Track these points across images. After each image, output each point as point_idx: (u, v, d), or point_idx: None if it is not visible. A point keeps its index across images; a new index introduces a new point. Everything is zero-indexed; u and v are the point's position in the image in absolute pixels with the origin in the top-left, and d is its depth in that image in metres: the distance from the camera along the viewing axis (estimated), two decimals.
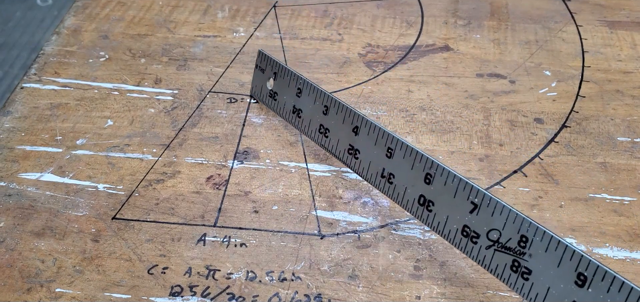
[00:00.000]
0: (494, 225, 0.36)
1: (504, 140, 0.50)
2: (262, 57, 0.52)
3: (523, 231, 0.35)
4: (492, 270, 0.37)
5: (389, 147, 0.41)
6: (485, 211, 0.36)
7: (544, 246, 0.34)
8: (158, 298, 0.39)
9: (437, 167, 0.39)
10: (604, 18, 0.64)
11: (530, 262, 0.35)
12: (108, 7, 0.66)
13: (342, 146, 0.45)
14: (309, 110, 0.47)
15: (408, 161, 0.40)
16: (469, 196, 0.37)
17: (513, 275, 0.36)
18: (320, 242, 0.43)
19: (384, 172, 0.42)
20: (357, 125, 0.44)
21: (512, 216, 0.35)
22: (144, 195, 0.46)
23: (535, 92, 0.55)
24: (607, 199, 0.45)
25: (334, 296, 0.39)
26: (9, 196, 0.46)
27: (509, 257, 0.36)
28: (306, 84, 0.47)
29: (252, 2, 0.67)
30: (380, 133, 0.42)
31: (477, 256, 0.37)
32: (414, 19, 0.64)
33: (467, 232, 0.37)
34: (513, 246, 0.35)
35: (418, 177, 0.40)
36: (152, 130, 0.51)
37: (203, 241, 0.43)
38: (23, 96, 0.55)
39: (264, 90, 0.52)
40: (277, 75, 0.50)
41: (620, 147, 0.50)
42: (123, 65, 0.58)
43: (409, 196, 0.40)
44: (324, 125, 0.46)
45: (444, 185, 0.38)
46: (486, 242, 0.37)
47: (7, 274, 0.41)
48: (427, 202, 0.39)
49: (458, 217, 0.38)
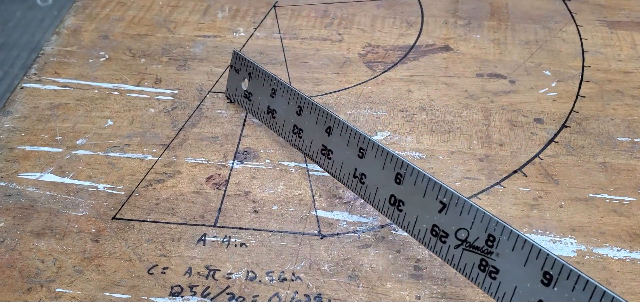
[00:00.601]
0: (462, 224, 0.36)
1: (504, 140, 0.50)
2: (237, 57, 0.52)
3: (490, 230, 0.35)
4: (461, 269, 0.37)
5: (361, 147, 0.42)
6: (454, 210, 0.37)
7: (510, 245, 0.34)
8: (158, 298, 0.39)
9: (407, 167, 0.39)
10: (604, 18, 0.64)
11: (497, 262, 0.35)
12: (108, 7, 0.66)
13: (315, 147, 0.45)
14: (283, 110, 0.48)
15: (379, 161, 0.40)
16: (437, 196, 0.37)
17: (481, 274, 0.36)
18: (320, 242, 0.43)
19: (356, 172, 0.42)
20: (330, 125, 0.44)
21: (479, 215, 0.35)
22: (144, 195, 0.46)
23: (535, 92, 0.55)
24: (607, 199, 0.45)
25: (334, 296, 0.39)
26: (9, 196, 0.46)
27: (477, 257, 0.36)
28: (280, 84, 0.48)
29: (252, 2, 0.67)
30: (352, 133, 0.42)
31: (446, 255, 0.37)
32: (414, 19, 0.64)
33: (436, 231, 0.38)
34: (481, 245, 0.36)
35: (389, 177, 0.40)
36: (152, 130, 0.51)
37: (203, 241, 0.43)
38: (23, 96, 0.55)
39: (238, 91, 0.52)
40: (252, 75, 0.50)
41: (620, 147, 0.50)
42: (123, 65, 0.58)
43: (380, 196, 0.41)
44: (297, 125, 0.46)
45: (414, 185, 0.38)
46: (455, 241, 0.37)
47: (7, 274, 0.41)
48: (398, 202, 0.40)
49: (427, 217, 0.38)
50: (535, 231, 0.43)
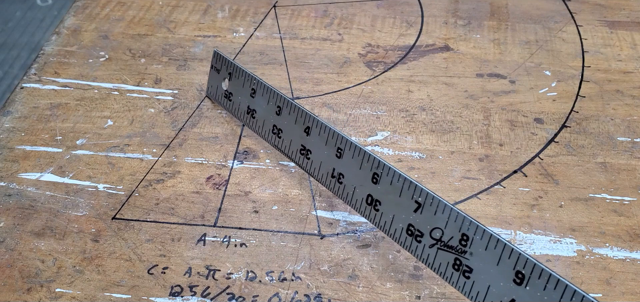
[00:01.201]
0: (437, 223, 0.36)
1: (504, 140, 0.50)
2: (217, 57, 0.52)
3: (464, 229, 0.35)
4: (436, 269, 0.37)
5: (339, 147, 0.42)
6: (429, 209, 0.37)
7: (483, 244, 0.35)
8: (158, 298, 0.39)
9: (384, 167, 0.39)
10: (604, 18, 0.64)
11: (471, 261, 0.35)
12: (108, 7, 0.66)
13: (294, 146, 0.45)
14: (263, 110, 0.48)
15: (356, 160, 0.41)
16: (413, 195, 0.37)
17: (455, 273, 0.36)
18: (320, 242, 0.43)
19: (334, 172, 0.42)
20: (309, 125, 0.44)
21: (453, 214, 0.36)
22: (144, 195, 0.46)
23: (535, 92, 0.55)
24: (607, 199, 0.45)
25: (334, 296, 0.39)
26: (9, 196, 0.46)
27: (451, 256, 0.36)
28: (260, 84, 0.48)
29: (252, 2, 0.67)
30: (330, 133, 0.42)
31: (421, 254, 0.37)
32: (414, 19, 0.64)
33: (412, 231, 0.38)
34: (455, 245, 0.36)
35: (366, 177, 0.40)
36: (152, 130, 0.51)
37: (203, 241, 0.43)
38: (23, 96, 0.55)
39: (219, 91, 0.52)
40: (232, 75, 0.50)
41: (620, 147, 0.50)
42: (123, 65, 0.58)
43: (357, 196, 0.41)
44: (277, 125, 0.46)
45: (390, 184, 0.39)
46: (429, 241, 0.37)
47: (7, 274, 0.41)
48: (375, 201, 0.40)
49: (403, 216, 0.38)
50: (535, 231, 0.43)
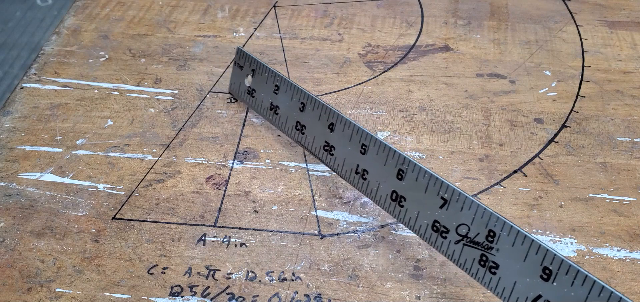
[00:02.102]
0: (463, 220, 0.37)
1: (504, 140, 0.50)
2: (241, 54, 0.52)
3: (491, 225, 0.35)
4: (461, 264, 0.37)
5: (363, 143, 0.42)
6: (455, 206, 0.37)
7: (510, 241, 0.35)
8: (158, 298, 0.39)
9: (409, 163, 0.39)
10: (604, 18, 0.64)
11: (497, 257, 0.35)
12: (108, 7, 0.66)
13: (318, 143, 0.45)
14: (286, 107, 0.48)
15: (381, 157, 0.41)
16: (439, 192, 0.37)
17: (481, 269, 0.36)
18: (320, 242, 0.43)
19: (358, 168, 0.42)
20: (332, 122, 0.44)
21: (480, 211, 0.36)
22: (144, 195, 0.46)
23: (535, 92, 0.55)
24: (607, 199, 0.45)
25: (334, 296, 0.39)
26: (9, 196, 0.46)
27: (477, 252, 0.36)
28: (283, 81, 0.48)
29: (252, 2, 0.67)
30: (354, 130, 0.42)
31: (447, 250, 0.38)
32: (414, 19, 0.64)
33: (437, 227, 0.38)
34: (481, 241, 0.36)
35: (390, 173, 0.40)
36: (152, 130, 0.51)
37: (203, 241, 0.43)
38: (23, 96, 0.55)
39: (242, 88, 0.52)
40: (255, 72, 0.50)
41: (620, 147, 0.50)
42: (123, 65, 0.58)
43: (382, 192, 0.41)
44: (300, 122, 0.47)
45: (416, 181, 0.39)
46: (455, 237, 0.37)
47: (7, 274, 0.41)
48: (399, 197, 0.40)
49: (428, 213, 0.38)
50: (535, 231, 0.43)
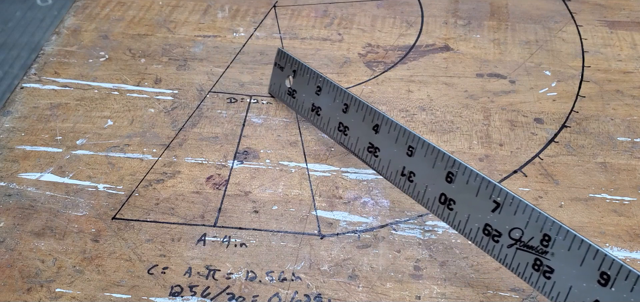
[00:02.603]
0: (516, 224, 0.36)
1: (504, 140, 0.50)
2: (281, 55, 0.52)
3: (546, 229, 0.35)
4: (514, 269, 0.37)
5: (410, 145, 0.41)
6: (508, 209, 0.36)
7: (566, 245, 0.34)
8: (158, 298, 0.39)
9: (459, 166, 0.39)
10: (604, 18, 0.64)
11: (552, 261, 0.35)
12: (108, 7, 0.66)
13: (361, 144, 0.45)
14: (328, 108, 0.48)
15: (429, 159, 0.40)
16: (491, 195, 0.37)
17: (535, 274, 0.36)
18: (320, 242, 0.43)
19: (404, 170, 0.42)
20: (377, 123, 0.44)
21: (534, 214, 0.35)
22: (144, 195, 0.46)
23: (535, 92, 0.55)
24: (607, 199, 0.45)
25: (334, 296, 0.39)
26: (9, 196, 0.46)
27: (531, 256, 0.36)
28: (326, 82, 0.48)
29: (252, 2, 0.67)
30: (401, 132, 0.42)
31: (499, 254, 0.37)
32: (414, 19, 0.64)
33: (489, 231, 0.37)
34: (535, 245, 0.35)
35: (439, 176, 0.40)
36: (152, 130, 0.51)
37: (203, 241, 0.43)
38: (23, 96, 0.55)
39: (282, 88, 0.52)
40: (296, 73, 0.50)
41: (620, 147, 0.50)
42: (123, 65, 0.58)
43: (429, 195, 0.40)
44: (343, 123, 0.46)
45: (466, 184, 0.38)
46: (508, 241, 0.37)
47: (7, 274, 0.41)
48: (448, 200, 0.39)
49: (479, 216, 0.38)
50: None
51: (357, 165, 0.48)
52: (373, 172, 0.47)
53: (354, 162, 0.48)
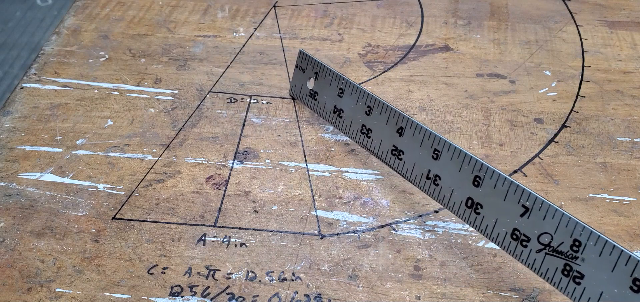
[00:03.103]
0: (546, 229, 0.36)
1: (504, 140, 0.50)
2: (303, 57, 0.51)
3: (576, 234, 0.34)
4: (542, 274, 0.36)
5: (436, 148, 0.41)
6: (537, 214, 0.36)
7: (597, 251, 0.34)
8: (158, 298, 0.39)
9: (487, 170, 0.38)
10: (604, 18, 0.64)
11: (582, 267, 0.34)
12: (108, 7, 0.66)
13: (385, 147, 0.45)
14: (351, 110, 0.47)
15: (456, 163, 0.40)
16: (519, 199, 0.37)
17: (564, 279, 0.35)
18: (320, 242, 0.43)
19: (429, 174, 0.41)
20: (402, 126, 0.43)
21: (565, 219, 0.35)
22: (144, 195, 0.46)
23: (535, 92, 0.55)
24: (607, 199, 0.45)
25: (334, 296, 0.39)
26: (9, 196, 0.46)
27: (561, 261, 0.35)
28: (348, 84, 0.47)
29: (252, 2, 0.67)
30: (426, 134, 0.42)
31: (527, 259, 0.37)
32: (414, 19, 0.64)
33: (517, 235, 0.37)
34: (565, 250, 0.35)
35: (466, 180, 0.39)
36: (152, 130, 0.51)
37: (203, 241, 0.43)
38: (23, 96, 0.55)
39: (304, 90, 0.52)
40: (318, 75, 0.50)
41: (620, 147, 0.50)
42: (123, 65, 0.58)
43: (455, 198, 0.40)
44: (366, 125, 0.46)
45: (494, 188, 0.38)
46: (537, 246, 0.36)
47: (7, 274, 0.41)
48: (475, 204, 0.39)
49: (508, 220, 0.37)
50: None
51: (357, 165, 0.48)
52: (373, 172, 0.47)
53: (354, 162, 0.48)
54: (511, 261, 0.41)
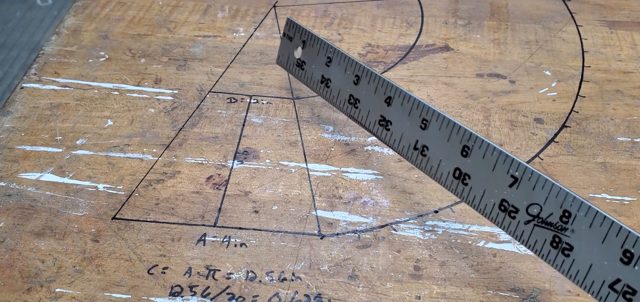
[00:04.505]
0: (535, 199, 0.35)
1: (504, 140, 0.50)
2: (291, 24, 0.50)
3: (566, 205, 0.34)
4: (530, 246, 0.35)
5: (424, 118, 0.40)
6: (526, 185, 0.35)
7: (588, 222, 0.33)
8: (158, 298, 0.39)
9: (476, 139, 0.37)
10: (604, 18, 0.64)
11: (572, 238, 0.34)
12: (108, 7, 0.66)
13: (372, 117, 0.44)
14: (339, 80, 0.46)
15: (444, 132, 0.39)
16: (508, 170, 0.36)
17: (553, 251, 0.34)
18: (320, 242, 0.43)
19: (417, 144, 0.41)
20: (390, 95, 0.42)
21: (555, 190, 0.34)
22: (144, 195, 0.46)
23: (535, 92, 0.55)
24: (607, 199, 0.45)
25: (334, 296, 0.39)
26: (9, 196, 0.46)
27: (550, 233, 0.34)
28: (337, 52, 0.46)
29: (252, 2, 0.67)
30: (415, 104, 0.41)
31: (515, 231, 0.36)
32: (414, 19, 0.64)
33: (505, 206, 0.36)
34: (554, 221, 0.34)
35: (454, 150, 0.38)
36: (152, 130, 0.51)
37: (203, 241, 0.43)
38: (23, 96, 0.55)
39: (291, 60, 0.51)
40: (306, 43, 0.49)
41: (620, 147, 0.50)
42: (123, 65, 0.58)
43: (443, 169, 0.39)
44: (354, 95, 0.45)
45: (483, 158, 0.37)
46: (525, 217, 0.35)
47: (7, 274, 0.41)
48: (463, 175, 0.38)
49: (496, 191, 0.36)
50: None
51: (357, 165, 0.48)
52: (373, 172, 0.47)
53: (354, 162, 0.48)
54: (511, 261, 0.41)
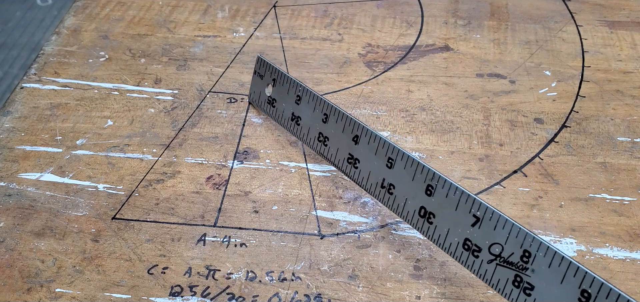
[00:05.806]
0: (496, 239, 0.36)
1: (504, 140, 0.50)
2: (261, 63, 0.51)
3: (526, 245, 0.34)
4: (494, 285, 0.36)
5: (390, 157, 0.41)
6: (488, 224, 0.36)
7: (547, 262, 0.34)
8: (158, 298, 0.39)
9: (439, 179, 0.38)
10: (604, 18, 0.64)
11: (532, 278, 0.34)
12: (108, 7, 0.66)
13: (341, 155, 0.44)
14: (308, 118, 0.47)
15: (409, 171, 0.40)
16: (471, 209, 0.37)
17: (515, 290, 0.35)
18: (320, 242, 0.43)
19: (384, 182, 0.41)
20: (357, 134, 0.43)
21: (515, 230, 0.35)
22: (144, 195, 0.46)
23: (535, 92, 0.55)
24: (607, 199, 0.45)
25: (334, 296, 0.39)
26: (9, 196, 0.46)
27: (511, 272, 0.35)
28: (305, 91, 0.47)
29: (252, 2, 0.67)
30: (381, 143, 0.41)
31: (479, 270, 0.37)
32: (414, 19, 0.64)
33: (469, 245, 0.37)
34: (515, 261, 0.35)
35: (419, 189, 0.39)
36: (152, 130, 0.51)
37: (203, 241, 0.43)
38: (23, 96, 0.55)
39: (262, 97, 0.52)
40: (276, 81, 0.50)
41: (620, 147, 0.50)
42: (123, 65, 0.58)
43: (409, 207, 0.40)
44: (323, 133, 0.46)
45: (446, 197, 0.38)
46: (488, 256, 0.36)
47: (7, 274, 0.41)
48: (428, 214, 0.39)
49: (459, 230, 0.37)
50: (535, 231, 0.43)
51: None
52: None
53: None
54: None
